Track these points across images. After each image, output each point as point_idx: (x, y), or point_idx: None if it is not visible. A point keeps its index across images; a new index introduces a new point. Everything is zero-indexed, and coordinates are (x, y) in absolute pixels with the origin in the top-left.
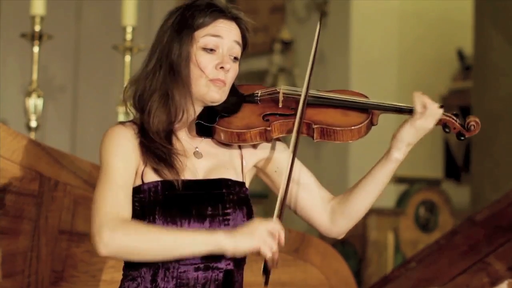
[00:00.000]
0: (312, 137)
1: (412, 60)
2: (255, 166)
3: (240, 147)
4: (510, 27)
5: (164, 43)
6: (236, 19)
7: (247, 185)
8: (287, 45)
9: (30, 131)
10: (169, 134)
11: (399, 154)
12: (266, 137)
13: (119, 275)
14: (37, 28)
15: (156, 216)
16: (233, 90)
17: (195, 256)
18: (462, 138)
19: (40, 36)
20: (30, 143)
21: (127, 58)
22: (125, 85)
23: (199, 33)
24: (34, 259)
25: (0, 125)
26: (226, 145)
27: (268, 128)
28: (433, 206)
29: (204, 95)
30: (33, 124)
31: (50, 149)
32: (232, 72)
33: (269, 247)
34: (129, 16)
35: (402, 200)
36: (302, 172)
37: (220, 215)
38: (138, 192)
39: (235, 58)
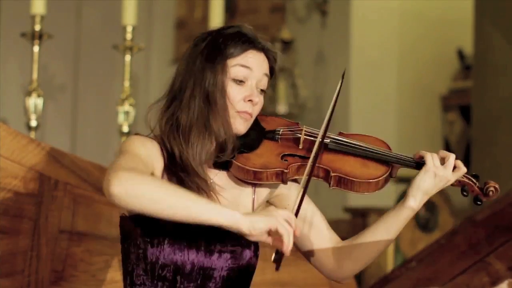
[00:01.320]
0: (329, 183)
1: (412, 60)
2: (267, 201)
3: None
4: (510, 27)
5: (196, 71)
6: (264, 50)
7: None
8: (287, 45)
9: (30, 131)
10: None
11: (414, 202)
12: (282, 178)
13: (119, 275)
14: (37, 27)
15: (165, 246)
16: (255, 122)
17: (207, 225)
18: (479, 203)
19: (40, 36)
20: (30, 143)
21: (127, 57)
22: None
23: (230, 62)
24: (34, 258)
25: (0, 124)
26: (241, 179)
27: (286, 170)
28: (433, 205)
29: None
30: (33, 123)
31: (50, 148)
32: (259, 105)
33: (286, 229)
34: (129, 15)
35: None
36: (313, 213)
37: (229, 252)
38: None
39: (262, 90)
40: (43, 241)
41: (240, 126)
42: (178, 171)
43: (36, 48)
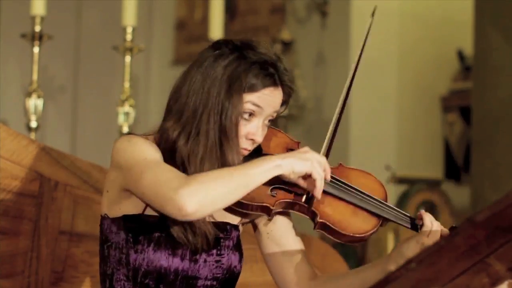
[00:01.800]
0: (314, 225)
1: (412, 60)
2: (250, 221)
3: None
4: (510, 27)
5: (214, 96)
6: (283, 85)
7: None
8: (287, 46)
9: (30, 132)
10: None
11: (395, 266)
12: (267, 212)
13: None
14: (37, 28)
15: (149, 253)
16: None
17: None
18: None
19: (40, 36)
20: (30, 144)
21: (127, 58)
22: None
23: (245, 96)
24: (34, 259)
25: (0, 125)
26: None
27: (272, 207)
28: (433, 206)
29: None
30: (33, 124)
31: (50, 149)
32: (261, 138)
33: (319, 174)
34: (129, 16)
35: (402, 200)
36: (294, 241)
37: (214, 261)
38: (136, 221)
39: (269, 121)
40: (43, 242)
41: (238, 160)
42: None
43: (36, 49)
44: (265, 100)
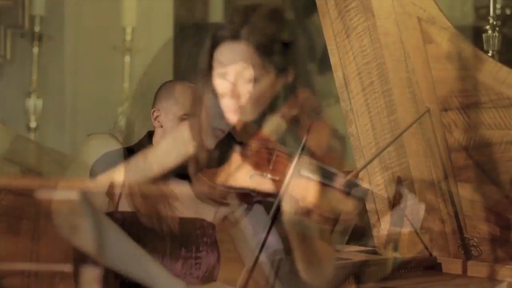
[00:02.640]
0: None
1: None
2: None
3: None
4: None
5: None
6: (240, 36)
7: None
8: (287, 46)
9: (30, 132)
10: None
11: None
12: (247, 200)
13: None
14: (37, 28)
15: None
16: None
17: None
18: None
19: (40, 36)
20: (30, 144)
21: (127, 58)
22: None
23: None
24: (34, 259)
25: (0, 125)
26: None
27: (253, 193)
28: (432, 205)
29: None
30: (33, 124)
31: (50, 149)
32: (241, 96)
33: None
34: (129, 16)
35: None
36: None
37: (193, 258)
38: (112, 219)
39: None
40: (43, 242)
41: (211, 142)
42: None
43: (36, 49)
44: (226, 55)
